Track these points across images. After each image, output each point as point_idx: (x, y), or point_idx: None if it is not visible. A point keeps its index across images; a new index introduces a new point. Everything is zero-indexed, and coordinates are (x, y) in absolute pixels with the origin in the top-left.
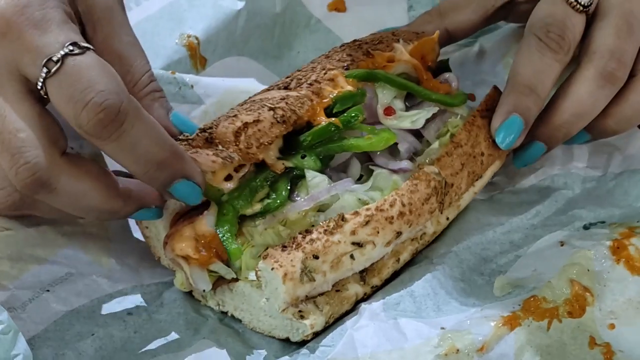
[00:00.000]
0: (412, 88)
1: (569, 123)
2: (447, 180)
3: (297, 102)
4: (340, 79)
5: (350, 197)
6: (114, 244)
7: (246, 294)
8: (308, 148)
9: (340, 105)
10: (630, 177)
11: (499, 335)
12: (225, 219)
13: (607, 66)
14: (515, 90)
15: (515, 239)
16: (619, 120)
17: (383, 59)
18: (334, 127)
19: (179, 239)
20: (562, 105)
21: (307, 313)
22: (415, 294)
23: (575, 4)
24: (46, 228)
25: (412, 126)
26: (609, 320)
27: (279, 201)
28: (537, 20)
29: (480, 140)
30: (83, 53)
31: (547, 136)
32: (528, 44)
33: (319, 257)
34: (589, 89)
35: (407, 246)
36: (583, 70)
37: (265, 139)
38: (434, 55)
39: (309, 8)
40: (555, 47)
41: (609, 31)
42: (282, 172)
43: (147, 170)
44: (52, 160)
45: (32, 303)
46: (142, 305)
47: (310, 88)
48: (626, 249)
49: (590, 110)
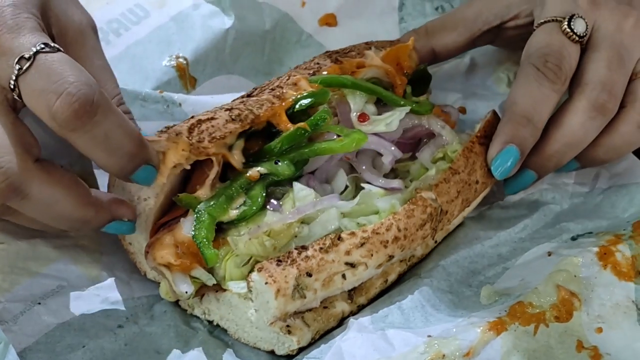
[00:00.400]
0: (380, 93)
1: (560, 153)
2: (442, 207)
3: (256, 103)
4: (303, 82)
5: (334, 212)
6: (105, 256)
7: (233, 304)
8: (279, 154)
9: (301, 105)
10: (617, 191)
11: (485, 340)
12: (202, 225)
13: (599, 98)
14: (512, 120)
15: (503, 252)
16: (608, 150)
17: (352, 65)
18: (302, 131)
19: (159, 247)
20: (554, 136)
21: (294, 329)
22: (404, 307)
23: (571, 35)
24: (38, 241)
25: (387, 129)
26: (597, 324)
27: (255, 207)
28: (535, 50)
29: (477, 168)
30: (54, 52)
31: (538, 165)
32: (526, 74)
33: (312, 275)
34: (580, 120)
35: (396, 267)
36: (575, 101)
37: (218, 134)
38: (411, 63)
39: (299, 24)
40: (552, 77)
41: (601, 63)
42: (257, 179)
43: (117, 161)
44: (25, 166)
45: (23, 316)
46: (132, 318)
47: (271, 92)
48: (613, 255)
49: (582, 140)
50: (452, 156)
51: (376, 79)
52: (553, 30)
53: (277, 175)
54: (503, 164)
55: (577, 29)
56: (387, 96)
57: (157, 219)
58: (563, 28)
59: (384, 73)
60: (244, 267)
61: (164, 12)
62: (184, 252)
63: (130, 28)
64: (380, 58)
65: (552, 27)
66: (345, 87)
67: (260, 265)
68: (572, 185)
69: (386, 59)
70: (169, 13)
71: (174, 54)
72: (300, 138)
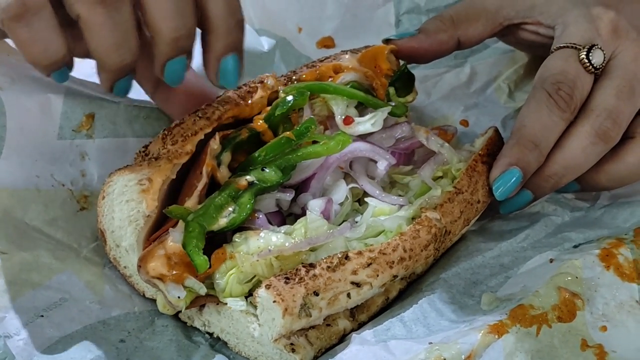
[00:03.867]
0: (360, 97)
1: (558, 175)
2: (446, 227)
3: (220, 102)
4: (270, 79)
5: (342, 239)
6: (108, 270)
7: (234, 318)
8: (265, 163)
9: (280, 109)
10: (618, 206)
11: (487, 342)
12: (192, 235)
13: (602, 125)
14: (519, 143)
15: (505, 261)
16: (611, 178)
17: (328, 69)
18: (285, 140)
19: (150, 259)
20: (553, 157)
21: (298, 347)
22: (405, 319)
23: (588, 65)
24: (41, 252)
25: (373, 128)
26: (601, 323)
27: (244, 214)
28: (549, 76)
29: (479, 188)
30: None
31: (535, 185)
32: (538, 99)
33: (319, 294)
34: (582, 145)
35: (397, 285)
36: (579, 125)
37: (189, 132)
38: (390, 65)
39: (297, 48)
40: (563, 106)
41: (610, 91)
42: (245, 187)
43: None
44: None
45: (26, 328)
46: (134, 332)
47: (236, 92)
48: (615, 257)
49: (581, 164)
50: (456, 174)
51: (355, 83)
52: (570, 57)
53: (265, 182)
54: (504, 184)
55: (595, 60)
56: (367, 100)
57: (147, 237)
58: (581, 57)
59: (363, 76)
60: (245, 284)
61: None
62: (175, 263)
63: None
64: (356, 60)
65: (569, 54)
66: (327, 93)
67: (269, 282)
68: (573, 200)
69: (362, 61)
70: None
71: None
72: (283, 147)
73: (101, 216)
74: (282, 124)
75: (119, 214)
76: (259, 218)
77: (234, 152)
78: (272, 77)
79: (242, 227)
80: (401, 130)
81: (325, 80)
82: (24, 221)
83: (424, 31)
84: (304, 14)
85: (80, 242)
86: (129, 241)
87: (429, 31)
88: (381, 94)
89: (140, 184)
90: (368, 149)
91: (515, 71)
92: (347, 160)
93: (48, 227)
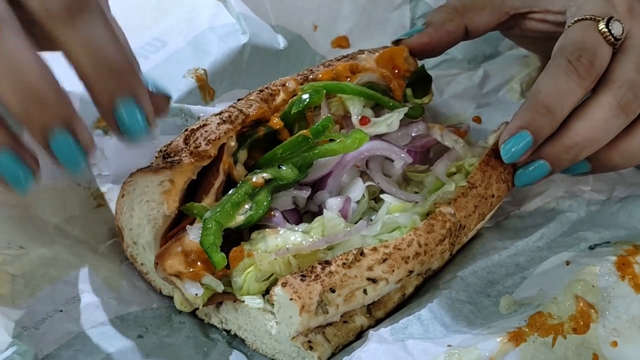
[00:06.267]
0: (377, 98)
1: (579, 146)
2: (461, 222)
3: (245, 104)
4: (291, 82)
5: (359, 237)
6: (125, 265)
7: (252, 315)
8: (281, 160)
9: (296, 107)
10: (634, 200)
11: (505, 350)
12: (209, 232)
13: (624, 96)
14: (532, 107)
15: (521, 261)
16: (623, 154)
17: (345, 68)
18: (302, 138)
19: (167, 256)
20: (575, 127)
21: (315, 344)
22: (423, 318)
23: (607, 35)
24: (59, 248)
25: (389, 129)
26: (612, 338)
27: (261, 211)
28: (570, 44)
29: (492, 182)
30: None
31: (554, 156)
32: (557, 65)
33: (335, 290)
34: (604, 116)
35: (413, 281)
36: (600, 96)
37: (213, 136)
38: (408, 66)
39: (312, 46)
40: (583, 72)
41: (630, 65)
42: (262, 185)
43: (99, 70)
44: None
45: (45, 322)
46: (152, 329)
47: (259, 95)
48: (631, 267)
49: (602, 136)
50: (470, 169)
51: (372, 84)
52: (590, 28)
53: (282, 179)
54: (514, 146)
55: (615, 30)
56: (384, 101)
57: (164, 235)
58: (600, 27)
59: (380, 77)
60: (263, 282)
61: (180, 39)
62: (192, 260)
63: (149, 57)
64: (373, 60)
65: (589, 25)
66: (344, 93)
67: (285, 280)
68: (589, 193)
69: (380, 62)
70: (185, 38)
71: (193, 67)
72: (300, 145)
73: (119, 214)
74: (297, 122)
75: (139, 213)
76: (275, 216)
77: (250, 149)
78: (292, 79)
79: (259, 224)
80: (417, 129)
81: (341, 80)
82: (42, 218)
83: (431, 24)
84: (321, 12)
85: (97, 238)
86: (147, 239)
87: (435, 24)
88: (398, 95)
89: (162, 185)
90: (385, 147)
91: (528, 74)
92: (363, 158)
93: (65, 224)
